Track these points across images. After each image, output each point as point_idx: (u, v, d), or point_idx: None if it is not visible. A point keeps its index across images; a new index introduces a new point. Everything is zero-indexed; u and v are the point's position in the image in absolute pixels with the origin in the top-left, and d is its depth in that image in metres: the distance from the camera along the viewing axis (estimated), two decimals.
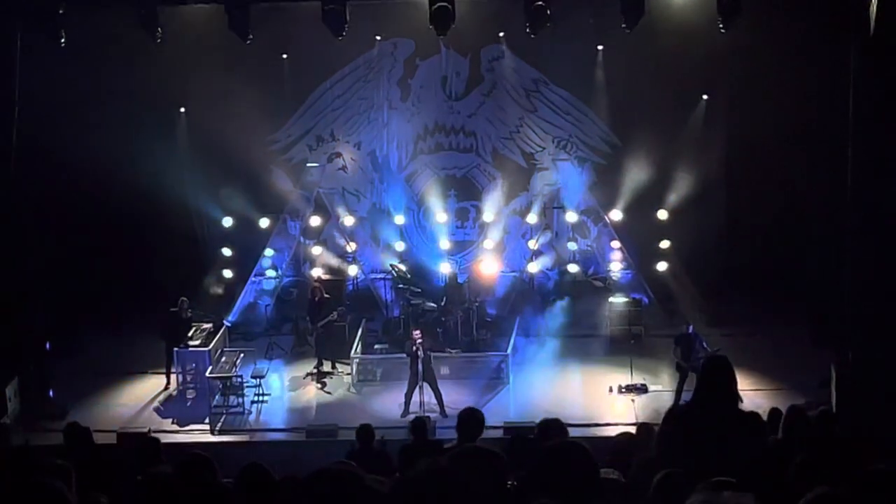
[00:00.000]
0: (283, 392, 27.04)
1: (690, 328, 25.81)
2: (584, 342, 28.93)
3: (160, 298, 28.47)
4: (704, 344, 25.56)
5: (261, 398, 26.04)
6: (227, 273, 31.97)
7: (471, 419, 12.48)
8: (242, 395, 25.83)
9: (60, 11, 24.76)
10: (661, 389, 25.93)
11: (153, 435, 21.65)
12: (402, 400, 25.13)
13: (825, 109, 26.63)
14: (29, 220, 26.32)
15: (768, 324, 28.52)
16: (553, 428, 13.94)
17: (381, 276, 32.18)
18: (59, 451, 13.96)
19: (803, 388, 24.53)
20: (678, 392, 24.98)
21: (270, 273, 32.33)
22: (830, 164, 25.95)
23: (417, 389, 24.88)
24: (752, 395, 23.51)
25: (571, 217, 31.92)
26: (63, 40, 24.93)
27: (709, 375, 9.99)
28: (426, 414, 23.60)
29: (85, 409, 25.28)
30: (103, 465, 13.91)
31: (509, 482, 8.70)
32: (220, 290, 31.82)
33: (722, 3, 24.53)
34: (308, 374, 27.57)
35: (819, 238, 27.89)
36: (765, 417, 14.05)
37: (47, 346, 26.35)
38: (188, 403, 26.39)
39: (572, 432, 15.23)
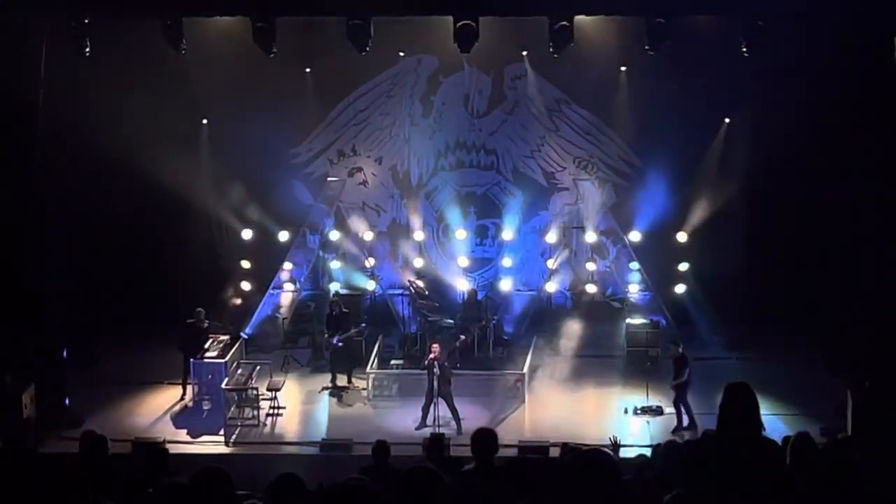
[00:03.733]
0: (299, 405, 27.02)
1: (681, 349, 25.95)
2: (600, 363, 28.87)
3: (178, 309, 28.53)
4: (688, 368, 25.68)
5: (276, 411, 26.05)
6: (246, 285, 32.04)
7: (486, 439, 12.44)
8: (258, 408, 25.88)
9: (85, 21, 24.85)
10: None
11: (163, 446, 21.81)
12: (419, 415, 25.14)
13: (847, 134, 26.63)
14: (49, 230, 26.35)
15: (785, 348, 28.40)
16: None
17: (399, 291, 32.20)
18: (74, 460, 13.99)
19: (818, 414, 24.47)
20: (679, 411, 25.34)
21: (288, 286, 32.35)
22: (851, 189, 25.93)
23: (433, 404, 24.85)
24: (768, 419, 23.42)
25: (590, 237, 31.89)
26: (87, 50, 25.01)
27: (732, 402, 9.97)
28: (440, 430, 23.65)
29: (100, 417, 25.32)
30: (118, 475, 13.95)
31: None
32: (237, 302, 31.88)
33: (746, 27, 24.52)
34: (324, 388, 27.58)
35: (838, 263, 27.86)
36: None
37: (64, 354, 26.37)
38: (203, 415, 26.37)
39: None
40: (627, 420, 25.80)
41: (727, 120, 30.40)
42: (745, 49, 24.88)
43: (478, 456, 12.15)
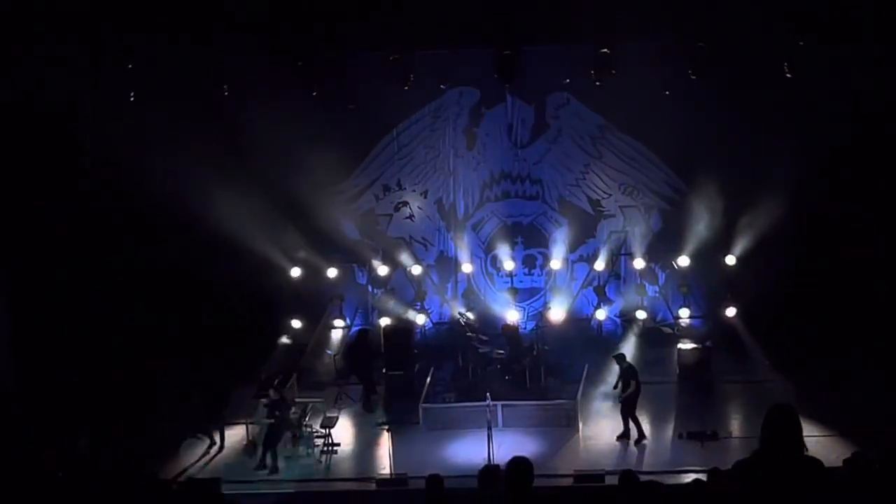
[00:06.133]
0: (353, 441, 27.00)
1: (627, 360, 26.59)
2: (653, 389, 28.64)
3: (230, 347, 28.64)
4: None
5: (330, 448, 26.03)
6: (296, 323, 32.11)
7: (518, 468, 12.34)
8: (312, 445, 25.88)
9: (129, 66, 25.14)
10: (732, 436, 25.71)
11: (218, 485, 21.84)
12: (472, 448, 25.02)
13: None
14: (106, 272, 26.61)
15: (838, 370, 28.05)
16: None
17: (449, 324, 32.22)
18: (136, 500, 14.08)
19: (875, 436, 24.14)
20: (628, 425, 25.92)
21: (338, 322, 32.44)
22: None
23: (486, 438, 24.68)
24: (823, 441, 23.30)
25: (639, 263, 31.88)
26: (132, 95, 25.29)
27: (775, 423, 9.96)
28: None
29: (156, 458, 25.36)
30: None
31: None
32: (288, 341, 31.95)
33: (787, 48, 24.52)
34: (378, 424, 27.50)
35: (889, 283, 27.68)
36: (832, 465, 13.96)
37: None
38: (258, 453, 26.32)
39: (642, 479, 15.16)
40: (682, 445, 25.62)
41: (771, 141, 30.22)
42: (787, 72, 24.85)
43: (510, 486, 12.09)
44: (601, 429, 26.74)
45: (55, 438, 24.34)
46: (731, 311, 31.11)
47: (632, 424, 25.89)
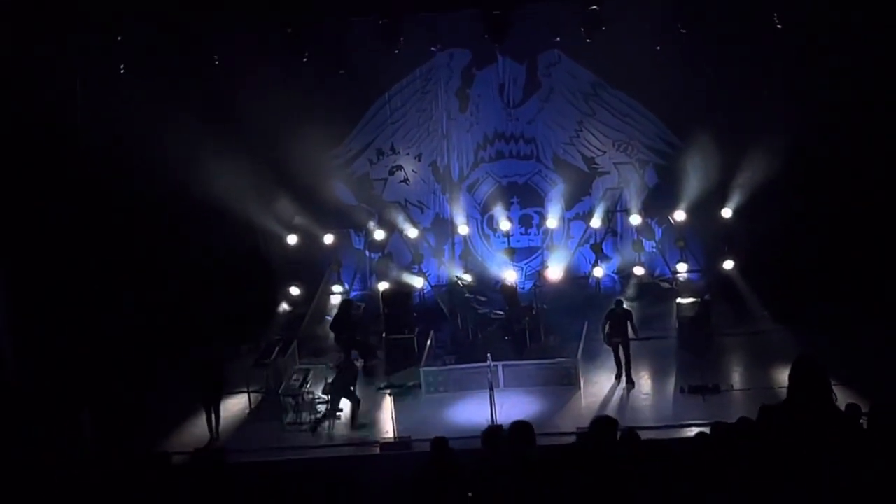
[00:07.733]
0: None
1: (624, 304, 26.89)
2: (652, 344, 28.69)
3: (228, 317, 28.64)
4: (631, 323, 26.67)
5: (333, 413, 26.03)
6: (294, 290, 32.09)
7: (519, 431, 12.39)
8: (315, 412, 25.88)
9: (119, 38, 25.05)
10: (733, 389, 25.71)
11: (222, 455, 21.85)
12: (474, 409, 25.04)
13: (890, 101, 26.46)
14: (102, 249, 26.56)
15: (836, 319, 27.98)
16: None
17: (447, 286, 32.22)
18: (139, 477, 14.07)
19: (875, 385, 24.06)
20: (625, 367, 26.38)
21: (337, 288, 32.43)
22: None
23: (488, 399, 24.71)
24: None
25: (635, 219, 31.87)
26: (122, 68, 25.20)
27: (802, 375, 9.97)
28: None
29: (161, 431, 25.38)
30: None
31: None
32: (287, 308, 31.96)
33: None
34: (379, 388, 27.50)
35: (885, 231, 27.66)
36: None
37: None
38: (262, 422, 26.33)
39: (644, 434, 15.16)
40: (683, 400, 25.62)
41: (766, 92, 30.12)
42: (777, 21, 24.76)
43: (513, 449, 12.15)
44: (602, 386, 26.74)
45: (54, 428, 24.27)
46: (728, 264, 31.08)
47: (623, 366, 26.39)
